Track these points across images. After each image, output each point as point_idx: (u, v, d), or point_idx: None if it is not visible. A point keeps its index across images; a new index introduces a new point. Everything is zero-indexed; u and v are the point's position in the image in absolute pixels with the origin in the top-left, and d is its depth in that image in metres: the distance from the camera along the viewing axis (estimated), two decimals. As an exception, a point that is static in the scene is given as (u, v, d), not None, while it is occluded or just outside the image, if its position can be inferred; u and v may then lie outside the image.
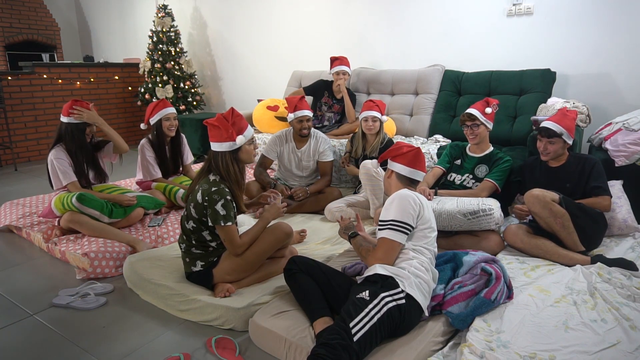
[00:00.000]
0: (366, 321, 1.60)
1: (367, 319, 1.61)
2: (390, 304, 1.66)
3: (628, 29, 3.44)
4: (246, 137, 2.12)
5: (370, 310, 1.63)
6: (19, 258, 2.80)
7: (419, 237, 1.87)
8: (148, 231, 2.92)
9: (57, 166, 2.81)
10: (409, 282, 1.74)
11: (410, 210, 1.84)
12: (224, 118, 2.08)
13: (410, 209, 1.84)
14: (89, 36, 8.01)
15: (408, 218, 1.83)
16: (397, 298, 1.69)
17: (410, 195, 1.88)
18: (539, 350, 1.63)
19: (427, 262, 1.85)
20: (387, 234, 1.83)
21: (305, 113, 3.28)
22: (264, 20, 5.58)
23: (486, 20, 4.03)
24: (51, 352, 1.87)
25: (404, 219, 1.82)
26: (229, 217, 2.05)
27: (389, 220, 1.84)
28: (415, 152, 2.02)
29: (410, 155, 2.01)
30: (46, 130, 5.76)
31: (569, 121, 2.54)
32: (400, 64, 4.52)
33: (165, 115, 3.28)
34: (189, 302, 2.09)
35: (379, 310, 1.63)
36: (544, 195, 2.34)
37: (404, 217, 1.82)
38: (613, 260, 2.24)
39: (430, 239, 1.89)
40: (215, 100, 6.45)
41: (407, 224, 1.82)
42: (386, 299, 1.67)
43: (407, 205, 1.84)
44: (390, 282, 1.72)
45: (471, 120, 2.76)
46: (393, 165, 2.05)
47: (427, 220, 1.88)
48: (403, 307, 1.68)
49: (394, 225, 1.82)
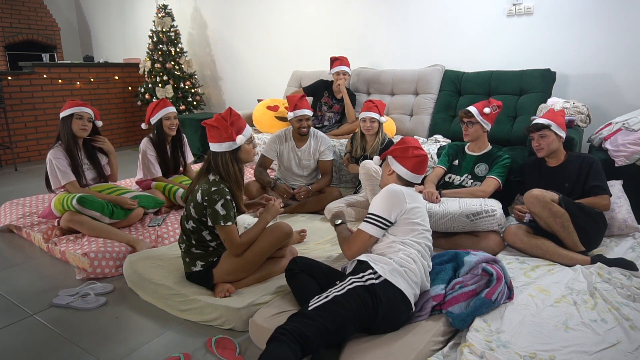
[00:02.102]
0: (323, 296, 1.66)
1: (325, 294, 1.67)
2: (356, 283, 1.69)
3: (628, 29, 3.44)
4: (245, 136, 2.12)
5: (332, 290, 1.68)
6: (19, 258, 2.80)
7: (406, 231, 1.90)
8: (148, 231, 2.92)
9: (55, 165, 2.82)
10: (390, 268, 1.76)
11: (392, 206, 1.89)
12: (222, 118, 2.08)
13: (393, 205, 1.89)
14: (89, 36, 8.02)
15: (387, 213, 1.89)
16: (366, 279, 1.71)
17: (396, 191, 1.92)
18: (539, 350, 1.63)
19: (415, 254, 1.86)
20: (364, 226, 1.92)
21: (304, 112, 3.28)
22: (264, 20, 5.58)
23: (486, 20, 4.03)
24: (51, 352, 1.87)
25: (382, 214, 1.89)
26: (228, 217, 2.05)
27: (369, 213, 1.93)
28: (422, 160, 2.01)
29: (417, 161, 2.00)
30: (46, 130, 5.76)
31: (558, 117, 2.60)
32: (400, 64, 4.52)
33: (165, 115, 3.28)
34: (189, 302, 2.09)
35: (340, 289, 1.68)
36: (543, 195, 2.34)
37: (384, 212, 1.89)
38: (613, 260, 2.24)
39: (418, 232, 1.91)
40: (215, 100, 6.45)
41: (385, 219, 1.89)
42: (351, 280, 1.72)
43: (390, 200, 1.90)
44: (363, 267, 1.78)
45: (467, 117, 2.78)
46: (396, 165, 2.03)
47: (415, 214, 1.91)
48: (372, 288, 1.68)
49: (371, 219, 1.91)
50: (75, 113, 2.88)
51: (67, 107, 2.88)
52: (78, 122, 2.89)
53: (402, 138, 2.15)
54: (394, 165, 2.04)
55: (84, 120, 2.90)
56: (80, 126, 2.89)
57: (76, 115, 2.88)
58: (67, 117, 2.88)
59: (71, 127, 2.88)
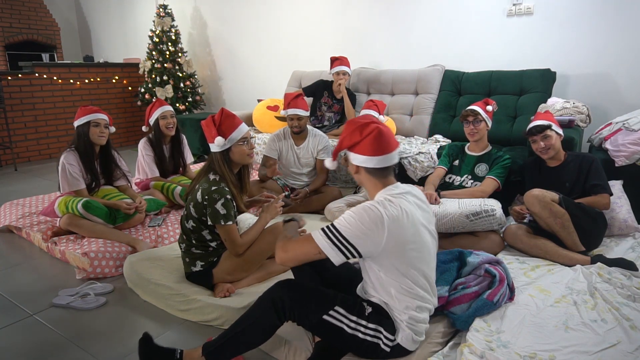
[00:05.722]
0: (348, 322, 1.50)
1: (351, 321, 1.51)
2: (368, 337, 1.52)
3: (628, 29, 3.44)
4: (233, 138, 2.08)
5: (359, 322, 1.51)
6: (19, 258, 2.80)
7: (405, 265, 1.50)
8: (148, 231, 2.92)
9: (68, 170, 2.79)
10: (408, 335, 1.56)
11: (362, 231, 1.44)
12: (211, 119, 2.10)
13: (365, 230, 1.44)
14: (89, 36, 8.02)
15: (354, 239, 1.45)
16: (378, 340, 1.53)
17: (376, 212, 1.44)
18: (539, 350, 1.63)
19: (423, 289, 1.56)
20: (318, 237, 1.48)
21: (296, 112, 3.25)
22: (264, 20, 5.58)
23: (486, 20, 4.03)
24: (51, 352, 1.87)
25: (348, 236, 1.45)
26: (229, 216, 2.05)
27: (333, 222, 1.50)
28: (378, 134, 1.53)
29: (372, 139, 1.53)
30: (46, 130, 5.76)
31: (551, 117, 2.63)
32: (401, 64, 4.51)
33: (161, 114, 3.28)
34: (189, 302, 2.09)
35: (365, 331, 1.51)
36: (543, 196, 2.34)
37: (351, 234, 1.45)
38: (613, 260, 2.24)
39: (418, 257, 1.53)
40: (215, 100, 6.45)
41: (351, 244, 1.45)
42: (379, 334, 1.53)
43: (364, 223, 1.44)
44: (389, 323, 1.56)
45: (474, 115, 2.79)
46: (355, 158, 1.57)
47: (405, 241, 1.48)
48: (379, 350, 1.54)
49: (333, 234, 1.47)
50: (92, 120, 2.81)
51: (81, 114, 2.83)
52: (95, 130, 2.83)
53: (346, 122, 1.75)
54: (354, 160, 1.58)
55: (101, 127, 2.83)
56: (98, 134, 2.83)
57: (93, 122, 2.82)
58: (82, 124, 2.82)
59: (89, 135, 2.82)
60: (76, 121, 2.84)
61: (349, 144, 1.58)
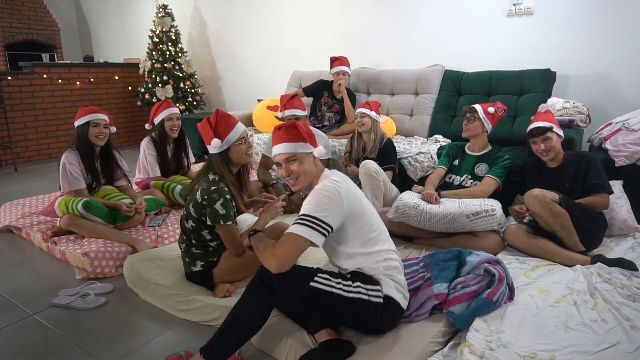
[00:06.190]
0: (330, 283, 1.61)
1: (333, 281, 1.61)
2: (362, 295, 1.63)
3: (628, 29, 3.44)
4: (231, 139, 2.09)
5: (344, 282, 1.63)
6: (19, 258, 2.80)
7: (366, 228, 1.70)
8: (148, 231, 2.92)
9: (69, 169, 2.79)
10: (386, 284, 1.70)
11: (327, 207, 1.60)
12: (207, 121, 2.10)
13: (328, 205, 1.60)
14: (89, 36, 8.02)
15: (324, 215, 1.59)
16: (374, 294, 1.66)
17: (331, 188, 1.64)
18: (539, 350, 1.63)
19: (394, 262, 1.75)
20: (296, 228, 1.58)
21: (293, 112, 3.26)
22: (264, 20, 5.58)
23: (486, 20, 4.03)
24: (51, 352, 1.87)
25: (320, 216, 1.58)
26: (228, 216, 2.05)
27: (300, 215, 1.61)
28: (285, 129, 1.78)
29: (281, 134, 1.77)
30: (46, 130, 5.76)
31: (552, 118, 2.62)
32: (401, 64, 4.52)
33: (168, 115, 3.28)
34: (189, 302, 2.09)
35: (351, 289, 1.62)
36: (543, 196, 2.34)
37: (317, 211, 1.59)
38: (613, 260, 2.24)
39: (372, 218, 1.73)
40: (215, 100, 6.45)
41: (323, 222, 1.58)
42: (365, 289, 1.65)
43: (325, 200, 1.61)
44: (369, 278, 1.70)
45: (471, 112, 2.80)
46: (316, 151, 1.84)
47: (360, 204, 1.70)
48: (373, 306, 1.65)
49: (305, 220, 1.58)
50: (91, 121, 2.81)
51: (82, 114, 2.83)
52: (94, 130, 2.82)
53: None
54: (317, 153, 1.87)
55: (100, 128, 2.83)
56: (96, 134, 2.83)
57: (92, 122, 2.81)
58: (82, 124, 2.82)
59: (88, 136, 2.82)
60: (76, 121, 2.85)
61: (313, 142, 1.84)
